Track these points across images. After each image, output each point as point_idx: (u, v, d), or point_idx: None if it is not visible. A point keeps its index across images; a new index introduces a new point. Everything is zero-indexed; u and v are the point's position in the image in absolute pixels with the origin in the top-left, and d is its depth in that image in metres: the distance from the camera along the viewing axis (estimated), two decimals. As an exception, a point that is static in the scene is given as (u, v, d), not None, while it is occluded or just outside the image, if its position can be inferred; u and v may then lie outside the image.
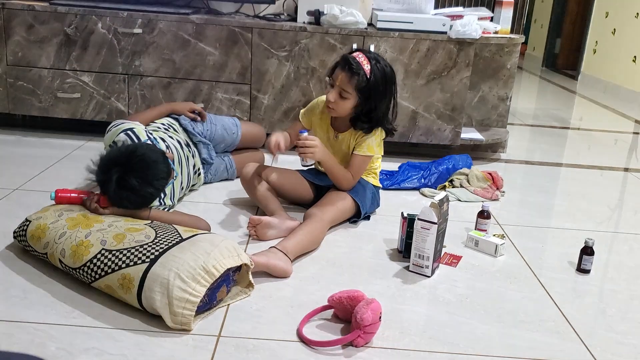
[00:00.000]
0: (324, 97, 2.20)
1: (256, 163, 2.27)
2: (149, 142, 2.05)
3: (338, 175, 2.13)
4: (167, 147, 2.16)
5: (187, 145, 2.35)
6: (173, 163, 2.04)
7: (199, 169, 2.41)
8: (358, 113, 2.10)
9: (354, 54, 2.06)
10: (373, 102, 2.06)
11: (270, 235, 2.00)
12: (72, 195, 1.85)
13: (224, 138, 2.53)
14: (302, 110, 2.31)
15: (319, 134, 2.24)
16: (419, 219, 1.81)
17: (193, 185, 2.41)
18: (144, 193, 1.78)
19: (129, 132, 2.05)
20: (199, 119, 2.46)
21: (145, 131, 2.10)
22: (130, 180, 1.74)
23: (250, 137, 2.64)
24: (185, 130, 2.41)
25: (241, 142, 2.60)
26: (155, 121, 2.35)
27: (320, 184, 2.25)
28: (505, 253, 2.06)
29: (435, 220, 1.78)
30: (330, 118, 2.21)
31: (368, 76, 2.02)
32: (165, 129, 2.31)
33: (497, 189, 2.63)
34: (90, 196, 1.82)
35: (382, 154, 2.23)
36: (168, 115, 2.43)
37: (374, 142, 2.15)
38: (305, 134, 2.07)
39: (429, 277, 1.84)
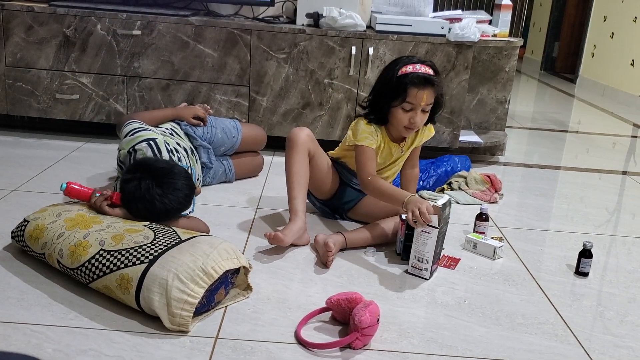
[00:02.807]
0: (362, 122, 2.05)
1: (309, 131, 2.10)
2: (167, 157, 2.07)
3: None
4: (179, 160, 2.16)
5: (192, 152, 2.35)
6: (195, 195, 2.00)
7: (199, 175, 2.40)
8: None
9: (414, 68, 1.95)
10: (441, 95, 2.04)
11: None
12: (83, 189, 1.85)
13: (223, 142, 2.51)
14: (362, 140, 2.02)
15: (384, 154, 2.12)
16: None
17: None
18: (155, 209, 1.78)
19: (150, 142, 2.06)
20: (201, 124, 2.46)
21: (164, 142, 2.12)
22: (152, 190, 1.77)
23: (251, 141, 2.62)
24: (186, 134, 2.41)
25: (242, 145, 2.58)
26: (160, 125, 2.35)
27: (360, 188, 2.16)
28: (503, 256, 2.06)
29: (437, 224, 1.77)
30: (389, 134, 2.10)
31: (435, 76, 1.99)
32: (170, 133, 2.31)
33: (496, 191, 2.63)
34: (100, 192, 1.84)
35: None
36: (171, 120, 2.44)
37: (429, 129, 2.19)
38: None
39: (427, 279, 1.83)
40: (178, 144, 2.26)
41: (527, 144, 3.83)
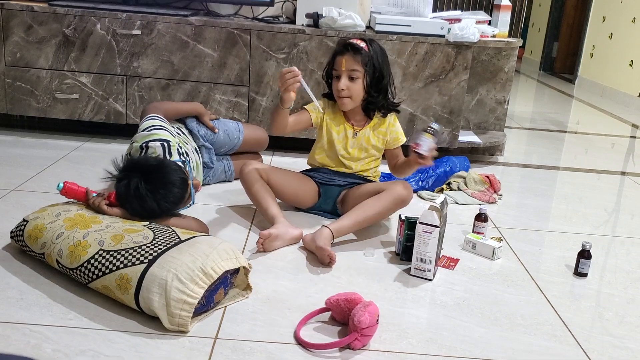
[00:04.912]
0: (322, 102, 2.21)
1: (258, 162, 2.24)
2: (179, 161, 2.06)
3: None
4: (187, 163, 2.16)
5: (196, 151, 2.36)
6: (196, 190, 2.01)
7: (200, 174, 2.41)
8: (369, 92, 2.11)
9: (345, 41, 2.13)
10: (378, 71, 2.11)
11: (275, 246, 1.96)
12: (79, 188, 1.86)
13: (225, 143, 2.53)
14: (309, 106, 2.21)
15: (335, 133, 2.20)
16: (420, 223, 1.80)
17: None
18: (147, 206, 1.78)
19: (164, 143, 2.07)
20: (216, 131, 2.48)
21: (177, 145, 2.12)
22: (141, 189, 1.77)
23: (252, 142, 2.63)
24: (190, 132, 2.42)
25: (242, 146, 2.59)
26: (165, 125, 2.35)
27: (342, 183, 2.21)
28: (502, 256, 2.06)
29: (437, 223, 1.77)
30: (344, 115, 2.20)
31: (367, 49, 2.09)
32: (177, 133, 2.32)
33: (495, 192, 2.63)
34: (97, 193, 1.84)
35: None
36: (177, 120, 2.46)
37: (399, 130, 2.25)
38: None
39: (430, 280, 1.83)
40: (186, 142, 2.28)
41: (526, 144, 3.83)
